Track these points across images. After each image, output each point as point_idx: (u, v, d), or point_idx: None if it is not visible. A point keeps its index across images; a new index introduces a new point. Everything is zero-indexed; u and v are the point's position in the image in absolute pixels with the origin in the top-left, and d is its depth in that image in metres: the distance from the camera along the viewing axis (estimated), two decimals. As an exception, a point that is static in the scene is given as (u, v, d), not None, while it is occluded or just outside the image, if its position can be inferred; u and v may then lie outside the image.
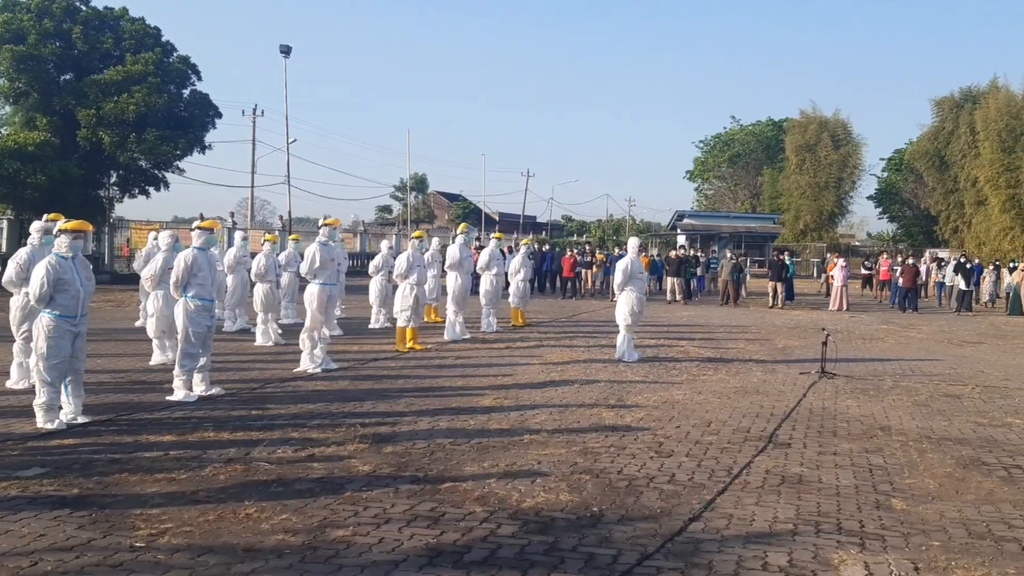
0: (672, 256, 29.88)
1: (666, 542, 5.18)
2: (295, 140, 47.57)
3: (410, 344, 13.77)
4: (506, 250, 24.41)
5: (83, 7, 32.24)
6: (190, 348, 9.38)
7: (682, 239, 51.10)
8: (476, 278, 17.62)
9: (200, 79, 34.28)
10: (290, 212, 43.80)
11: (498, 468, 6.75)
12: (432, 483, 6.30)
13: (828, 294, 28.92)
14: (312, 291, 11.60)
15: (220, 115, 34.77)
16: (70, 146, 30.62)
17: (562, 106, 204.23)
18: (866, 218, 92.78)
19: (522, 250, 19.27)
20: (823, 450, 7.72)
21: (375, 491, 6.06)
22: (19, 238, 25.17)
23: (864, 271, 34.24)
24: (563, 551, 5.00)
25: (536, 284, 28.40)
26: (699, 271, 30.25)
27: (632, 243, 14.11)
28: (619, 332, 13.41)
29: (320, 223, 12.44)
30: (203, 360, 9.53)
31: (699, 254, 34.11)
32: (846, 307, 25.95)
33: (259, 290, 14.74)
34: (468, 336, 15.64)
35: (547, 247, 35.86)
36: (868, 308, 27.34)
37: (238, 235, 16.49)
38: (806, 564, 4.91)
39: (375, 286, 17.25)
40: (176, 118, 32.34)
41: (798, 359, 13.87)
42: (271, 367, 11.77)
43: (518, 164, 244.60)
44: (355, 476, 6.45)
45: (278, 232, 34.79)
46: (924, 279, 30.89)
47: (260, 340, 14.27)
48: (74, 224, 8.17)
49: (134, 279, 17.17)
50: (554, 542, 5.14)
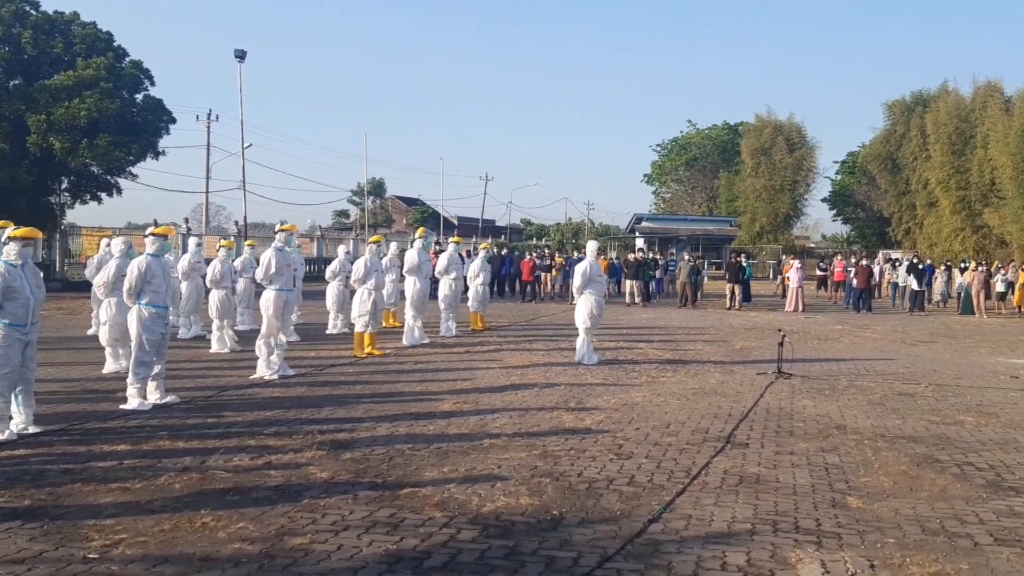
0: (631, 259, 30.02)
1: (626, 544, 5.19)
2: (250, 145, 47.02)
3: (368, 349, 13.69)
4: (465, 254, 24.39)
5: (33, 11, 31.70)
6: (144, 356, 9.24)
7: (640, 242, 51.47)
8: (435, 282, 17.57)
9: (153, 84, 33.93)
10: (245, 217, 43.44)
11: (458, 473, 6.72)
12: (391, 489, 6.25)
13: (784, 295, 29.21)
14: (268, 297, 11.49)
15: (174, 120, 34.42)
16: (20, 152, 30.02)
17: (520, 110, 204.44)
18: (821, 220, 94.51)
19: (481, 254, 19.25)
20: (780, 450, 7.79)
21: (333, 498, 6.01)
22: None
23: (819, 272, 34.70)
24: (523, 555, 4.99)
25: (495, 288, 28.38)
26: (657, 274, 30.49)
27: (591, 246, 14.16)
28: (578, 335, 13.45)
29: (276, 228, 12.35)
30: (157, 368, 9.40)
31: (657, 257, 34.38)
32: (802, 308, 26.24)
33: (214, 296, 14.57)
34: (427, 341, 15.58)
35: (505, 251, 35.80)
36: (823, 309, 27.69)
37: (192, 241, 16.30)
38: (764, 563, 4.95)
39: (332, 291, 17.12)
40: (129, 123, 31.88)
41: (755, 360, 14.00)
42: (227, 374, 11.63)
43: (477, 168, 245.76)
44: (313, 483, 6.38)
45: (233, 238, 34.41)
46: (878, 280, 31.42)
47: (216, 347, 14.12)
48: (23, 231, 8.01)
49: (86, 286, 16.86)
50: (514, 546, 5.12)
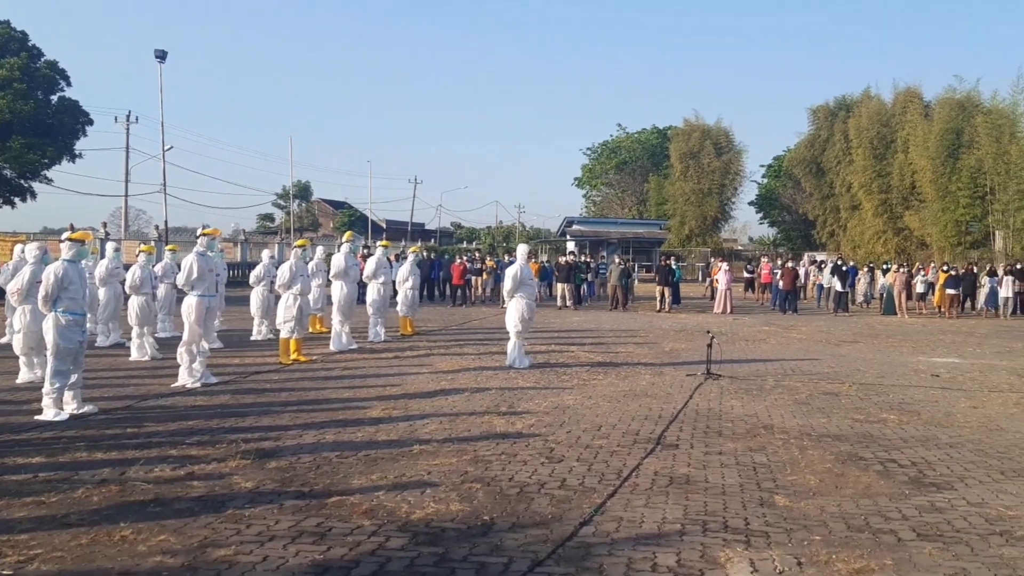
0: (562, 262, 30.11)
1: (557, 548, 5.16)
2: (171, 147, 46.12)
3: (294, 356, 13.46)
4: (393, 258, 24.19)
5: (-58, 10, 30.65)
6: (61, 365, 8.95)
7: (571, 245, 51.61)
8: (362, 287, 17.38)
9: (70, 85, 33.10)
10: (166, 222, 42.59)
11: (387, 480, 6.62)
12: (318, 498, 6.13)
13: (713, 297, 29.65)
14: (190, 303, 11.20)
15: (91, 122, 33.64)
16: (-73, 155, 28.98)
17: (450, 112, 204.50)
18: (748, 223, 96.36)
19: (410, 258, 19.12)
20: (709, 450, 7.85)
21: (258, 508, 5.87)
22: None
23: (746, 275, 35.31)
24: (454, 561, 4.92)
25: (425, 292, 28.24)
26: (588, 277, 30.65)
27: (521, 250, 14.15)
28: (510, 339, 13.41)
29: (198, 232, 12.08)
30: (74, 377, 9.10)
31: (588, 260, 34.53)
32: (730, 310, 26.64)
33: (134, 303, 14.19)
34: (355, 346, 15.40)
35: (435, 255, 35.68)
36: (751, 310, 28.17)
37: (110, 246, 15.81)
38: (694, 563, 4.96)
39: (256, 297, 16.81)
40: (44, 125, 30.97)
41: (685, 361, 14.14)
42: (147, 383, 11.32)
43: (406, 170, 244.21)
44: (237, 493, 6.23)
45: (154, 242, 33.80)
46: (803, 281, 32.11)
47: (135, 355, 13.75)
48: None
49: (-1, 294, 16.29)
50: (445, 553, 5.06)
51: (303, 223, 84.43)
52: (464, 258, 31.93)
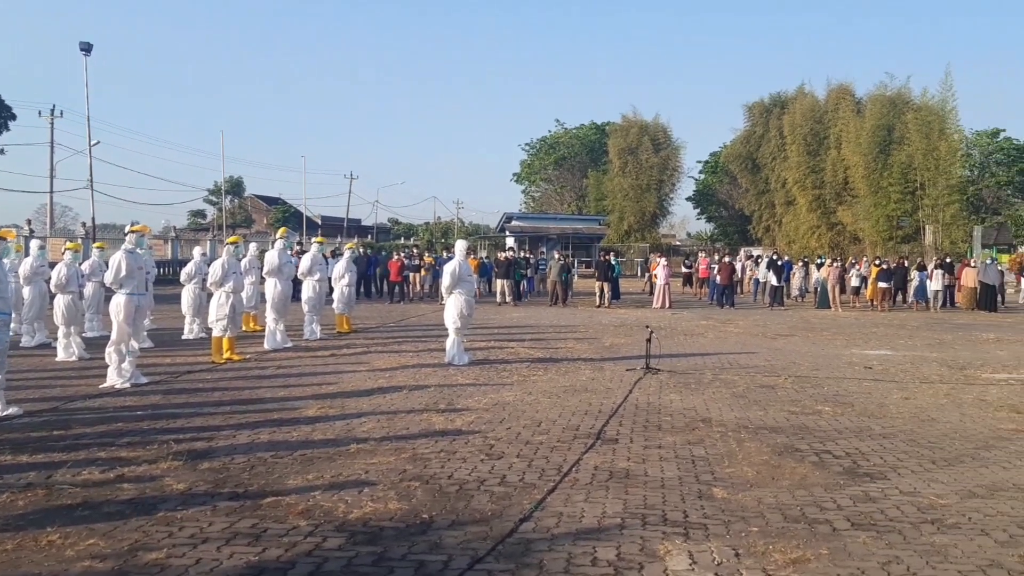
0: (501, 258, 30.14)
1: (497, 544, 5.11)
2: (98, 142, 45.00)
3: (227, 355, 13.22)
4: (329, 254, 23.92)
5: None
6: (-19, 366, 8.62)
7: (511, 241, 51.80)
8: (297, 284, 17.13)
9: (-9, 78, 31.97)
10: (94, 218, 41.58)
11: (323, 480, 6.51)
12: (253, 499, 6.00)
13: (652, 292, 29.85)
14: (118, 302, 10.92)
15: (14, 116, 32.68)
16: None
17: (386, 106, 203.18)
18: (686, 218, 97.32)
19: (346, 254, 18.94)
20: (648, 444, 7.88)
21: (191, 510, 5.72)
22: None
23: (684, 270, 35.62)
24: (392, 560, 4.85)
25: (362, 289, 27.99)
26: (528, 272, 30.67)
27: (460, 245, 14.08)
28: (448, 335, 13.33)
29: (127, 229, 11.81)
30: (-3, 379, 8.78)
31: (528, 256, 34.62)
32: (669, 305, 26.87)
33: (60, 302, 13.80)
34: (290, 344, 15.18)
35: (372, 251, 35.39)
36: (689, 305, 28.46)
37: (35, 244, 15.37)
38: (634, 557, 4.95)
39: (188, 295, 16.47)
40: (-37, 120, 29.96)
41: (624, 356, 14.21)
42: (75, 383, 11.02)
43: (341, 166, 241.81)
44: (169, 495, 6.07)
45: (81, 240, 33.02)
46: (740, 276, 32.55)
47: (62, 355, 13.41)
48: None
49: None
50: (383, 552, 4.98)
51: (236, 219, 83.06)
52: (402, 254, 31.76)
